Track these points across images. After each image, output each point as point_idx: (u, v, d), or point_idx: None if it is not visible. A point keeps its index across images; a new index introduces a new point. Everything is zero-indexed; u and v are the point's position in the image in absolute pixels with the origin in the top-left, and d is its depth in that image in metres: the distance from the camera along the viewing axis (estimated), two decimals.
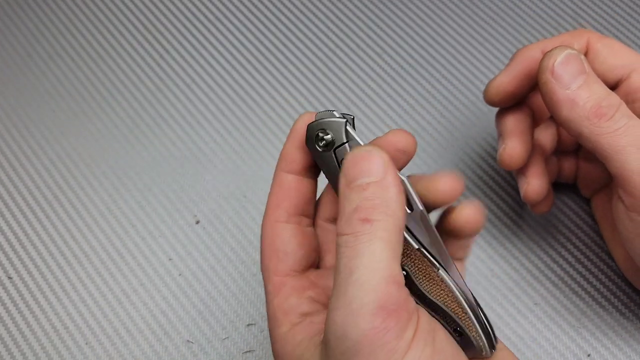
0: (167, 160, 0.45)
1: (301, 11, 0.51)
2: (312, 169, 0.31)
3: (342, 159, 0.29)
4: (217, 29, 0.50)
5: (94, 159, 0.45)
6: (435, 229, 0.29)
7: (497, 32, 0.49)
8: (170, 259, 0.41)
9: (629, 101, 0.33)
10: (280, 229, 0.30)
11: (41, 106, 0.47)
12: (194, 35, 0.50)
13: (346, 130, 0.29)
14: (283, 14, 0.51)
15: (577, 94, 0.30)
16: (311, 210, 0.32)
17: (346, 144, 0.29)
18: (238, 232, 0.42)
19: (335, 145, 0.29)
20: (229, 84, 0.48)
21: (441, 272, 0.29)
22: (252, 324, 0.39)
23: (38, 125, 0.47)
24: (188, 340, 0.39)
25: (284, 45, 0.49)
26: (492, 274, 0.40)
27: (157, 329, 0.39)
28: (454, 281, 0.29)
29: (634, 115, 0.31)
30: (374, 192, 0.26)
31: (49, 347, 0.39)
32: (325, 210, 0.32)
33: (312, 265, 0.31)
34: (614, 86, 0.34)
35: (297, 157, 0.30)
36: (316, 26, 0.50)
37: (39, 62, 0.49)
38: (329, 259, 0.32)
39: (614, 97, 0.31)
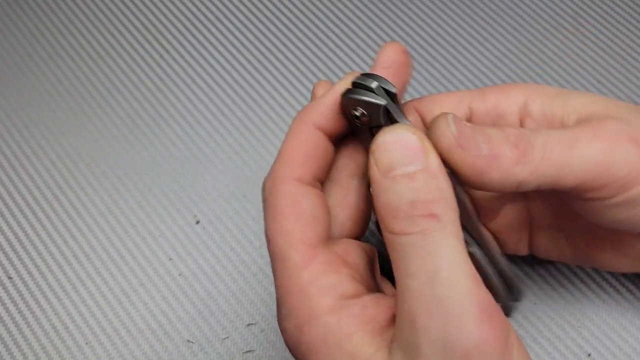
0: (167, 160, 0.45)
1: (301, 11, 0.51)
2: (339, 138, 0.29)
3: None
4: (217, 29, 0.50)
5: (94, 159, 0.45)
6: (466, 198, 0.28)
7: (497, 32, 0.49)
8: (170, 259, 0.41)
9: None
10: (305, 190, 0.27)
11: (41, 106, 0.47)
12: (194, 35, 0.50)
13: (386, 112, 0.26)
14: (283, 14, 0.51)
15: (493, 150, 0.26)
16: (326, 175, 0.29)
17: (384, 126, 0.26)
18: (238, 232, 0.42)
19: (372, 125, 0.27)
20: (229, 84, 0.48)
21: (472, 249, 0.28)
22: (252, 324, 0.39)
23: (38, 125, 0.47)
24: (188, 340, 0.39)
25: (284, 45, 0.49)
26: None
27: (157, 328, 0.39)
28: (484, 255, 0.28)
29: (538, 129, 0.28)
30: (426, 181, 0.24)
31: (49, 347, 0.39)
32: (349, 165, 0.29)
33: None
34: None
35: (337, 120, 0.27)
36: (316, 26, 0.50)
37: (39, 62, 0.49)
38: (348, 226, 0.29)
39: (511, 129, 0.27)
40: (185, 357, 0.39)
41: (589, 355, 0.37)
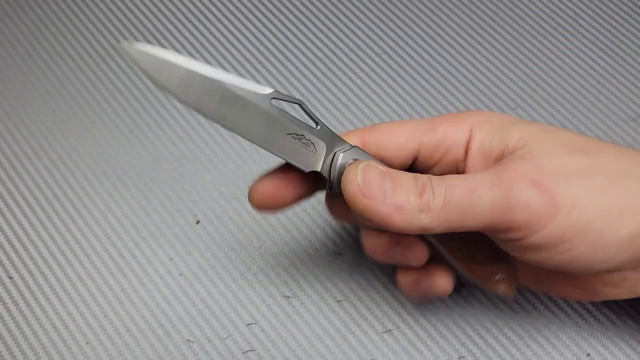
0: (167, 160, 0.45)
1: (301, 11, 0.51)
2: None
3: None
4: (217, 29, 0.50)
5: (94, 159, 0.45)
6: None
7: (496, 32, 0.49)
8: (170, 259, 0.42)
9: (430, 165, 0.33)
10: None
11: (41, 106, 0.47)
12: (194, 35, 0.50)
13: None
14: (283, 14, 0.51)
15: (397, 198, 0.28)
16: None
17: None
18: (238, 231, 0.42)
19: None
20: None
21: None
22: (252, 323, 0.39)
23: (38, 125, 0.47)
24: (188, 340, 0.39)
25: (284, 45, 0.49)
26: None
27: (158, 328, 0.39)
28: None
29: (443, 176, 0.29)
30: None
31: (50, 346, 0.39)
32: None
33: None
34: (411, 162, 0.33)
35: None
36: (316, 26, 0.50)
37: (39, 62, 0.49)
38: None
39: (420, 177, 0.29)
40: (186, 356, 0.39)
41: (588, 355, 0.38)
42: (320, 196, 0.43)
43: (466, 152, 0.32)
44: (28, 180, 0.44)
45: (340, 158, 0.30)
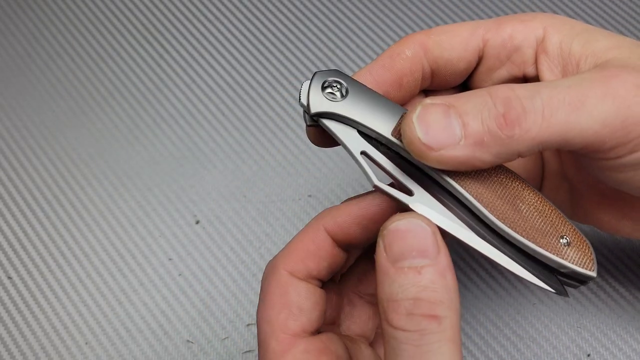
0: (167, 160, 0.45)
1: (301, 11, 0.51)
2: (355, 250, 0.29)
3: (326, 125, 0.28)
4: (217, 29, 0.50)
5: (94, 159, 0.45)
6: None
7: None
8: (170, 259, 0.41)
9: (496, 67, 0.30)
10: (296, 283, 0.27)
11: (41, 106, 0.47)
12: (194, 35, 0.50)
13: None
14: (283, 13, 0.51)
15: (472, 133, 0.24)
16: (328, 275, 0.29)
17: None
18: (238, 232, 0.42)
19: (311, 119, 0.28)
20: (229, 84, 0.48)
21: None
22: (252, 324, 0.39)
23: (38, 125, 0.47)
24: (188, 340, 0.39)
25: (284, 45, 0.49)
26: (488, 275, 0.40)
27: (157, 329, 0.39)
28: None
29: (534, 85, 0.25)
30: (433, 279, 0.23)
31: (49, 347, 0.39)
32: (360, 284, 0.30)
33: (319, 327, 0.28)
34: (475, 64, 0.30)
35: (351, 229, 0.27)
36: (316, 26, 0.50)
37: (39, 62, 0.49)
38: (347, 325, 0.30)
39: (500, 90, 0.25)
40: (185, 357, 0.39)
41: (589, 355, 0.37)
42: (319, 195, 0.43)
43: (536, 53, 0.29)
44: (27, 180, 0.44)
45: (315, 78, 0.27)
